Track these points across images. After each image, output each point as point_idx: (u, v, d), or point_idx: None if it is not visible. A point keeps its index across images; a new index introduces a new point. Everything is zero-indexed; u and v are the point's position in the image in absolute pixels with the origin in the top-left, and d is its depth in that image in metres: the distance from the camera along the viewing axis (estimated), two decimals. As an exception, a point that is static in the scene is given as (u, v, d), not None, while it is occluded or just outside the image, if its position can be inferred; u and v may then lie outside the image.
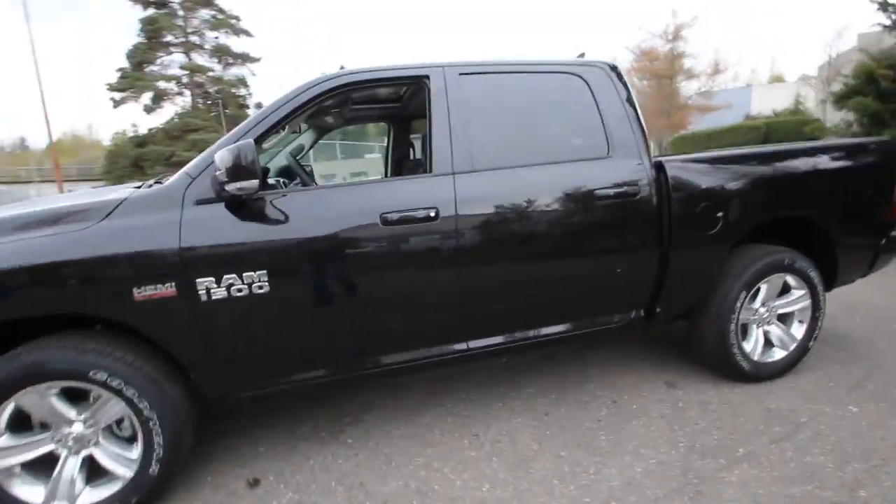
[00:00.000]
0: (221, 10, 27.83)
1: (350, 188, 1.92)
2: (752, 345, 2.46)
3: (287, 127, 2.10)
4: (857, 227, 2.52)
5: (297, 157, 2.65)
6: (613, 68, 2.19)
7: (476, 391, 2.53)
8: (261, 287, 1.68)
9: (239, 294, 1.66)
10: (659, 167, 2.15)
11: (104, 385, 1.59)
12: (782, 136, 16.62)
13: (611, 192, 2.04)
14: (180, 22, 27.09)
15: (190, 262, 1.63)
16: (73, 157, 44.20)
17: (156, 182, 2.03)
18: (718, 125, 19.68)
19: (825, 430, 2.04)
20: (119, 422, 1.71)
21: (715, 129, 18.83)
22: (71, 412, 1.65)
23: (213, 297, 1.64)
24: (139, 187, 1.89)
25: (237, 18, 28.33)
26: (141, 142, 26.26)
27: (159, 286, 1.60)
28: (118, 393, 1.61)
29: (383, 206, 1.81)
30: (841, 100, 6.08)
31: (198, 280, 1.63)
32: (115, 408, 1.65)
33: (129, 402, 1.62)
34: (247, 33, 28.89)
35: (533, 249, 1.99)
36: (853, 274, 2.66)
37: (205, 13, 27.64)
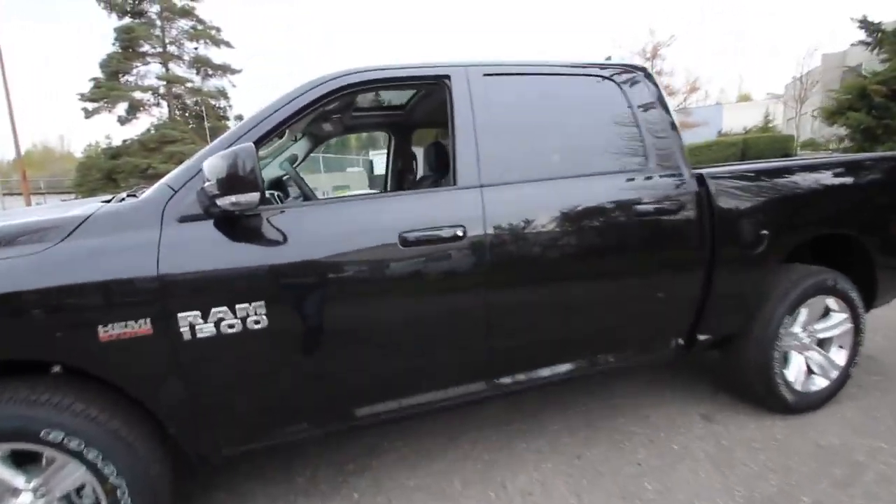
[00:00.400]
0: (201, 21, 27.40)
1: (361, 203, 1.65)
2: (795, 373, 2.27)
3: (287, 132, 1.82)
4: (898, 244, 2.37)
5: (294, 167, 2.37)
6: (646, 73, 2.00)
7: (493, 428, 2.26)
8: (257, 321, 1.40)
9: (231, 331, 1.37)
10: (700, 180, 1.95)
11: (60, 447, 1.28)
12: (758, 152, 17.11)
13: (652, 207, 1.83)
14: (158, 32, 26.54)
15: (170, 292, 1.33)
16: (43, 170, 42.64)
17: (129, 195, 1.73)
18: (693, 142, 20.14)
19: (889, 472, 1.84)
20: (80, 489, 1.39)
21: (694, 145, 19.24)
22: (18, 479, 1.32)
23: (199, 335, 1.35)
24: (108, 201, 1.59)
25: (217, 29, 27.94)
26: (115, 153, 25.38)
27: (131, 323, 1.30)
28: (78, 456, 1.29)
29: (402, 223, 1.55)
30: (833, 115, 6.12)
31: (180, 314, 1.33)
32: (74, 474, 1.33)
33: (92, 466, 1.30)
34: (227, 44, 28.49)
35: (569, 273, 1.76)
36: (891, 294, 2.50)
37: (184, 23, 27.18)
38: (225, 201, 1.30)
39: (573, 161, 1.82)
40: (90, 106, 25.81)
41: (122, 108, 26.44)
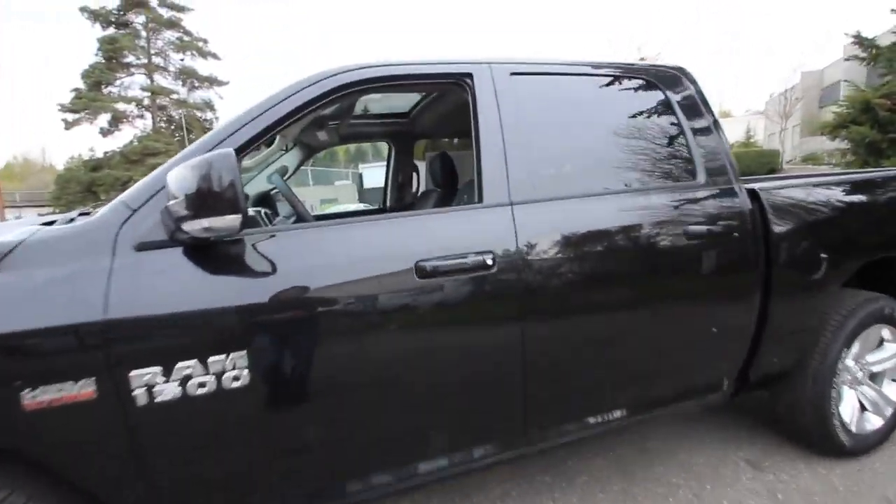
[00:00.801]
0: (188, 33, 27.07)
1: (368, 225, 1.32)
2: (849, 412, 2.01)
3: (277, 140, 1.53)
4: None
5: (286, 180, 2.06)
6: (686, 73, 1.77)
7: (513, 481, 1.96)
8: (237, 378, 1.09)
9: (201, 391, 1.06)
10: (753, 195, 1.71)
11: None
12: (745, 167, 17.23)
13: (705, 228, 1.57)
14: (143, 43, 26.13)
15: (121, 343, 1.02)
16: (22, 183, 41.48)
17: (81, 214, 1.42)
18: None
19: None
20: None
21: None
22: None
23: (159, 399, 1.04)
24: (51, 223, 1.28)
25: (204, 41, 27.61)
26: (95, 165, 24.68)
27: (67, 385, 0.98)
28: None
29: (418, 250, 1.26)
30: (835, 129, 6.04)
31: (133, 372, 1.02)
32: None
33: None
34: (214, 56, 28.16)
35: (616, 304, 1.49)
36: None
37: (170, 35, 26.81)
38: (194, 226, 1.00)
39: (616, 175, 1.56)
40: (70, 117, 25.14)
41: (104, 119, 25.83)
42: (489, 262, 1.29)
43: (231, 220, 1.01)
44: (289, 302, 1.15)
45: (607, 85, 1.66)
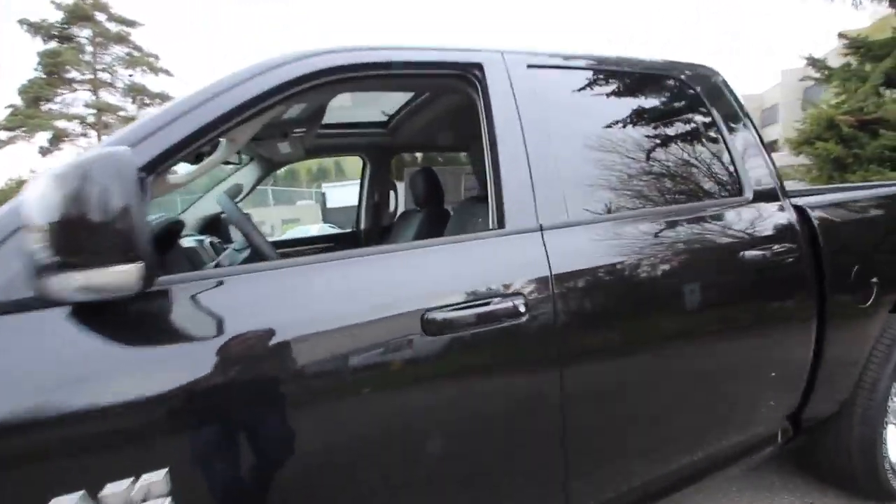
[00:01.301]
0: (138, 48, 25.87)
1: (353, 263, 0.95)
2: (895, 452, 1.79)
3: (223, 147, 1.13)
4: None
5: (237, 202, 1.63)
6: (723, 77, 1.53)
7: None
8: (154, 512, 0.69)
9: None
10: (800, 212, 1.47)
11: None
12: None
13: (758, 252, 1.30)
14: (88, 57, 24.74)
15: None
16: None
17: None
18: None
19: None
20: None
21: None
22: None
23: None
24: None
25: (156, 57, 26.46)
26: (32, 186, 22.88)
27: None
28: None
29: (423, 296, 0.91)
30: (800, 145, 6.19)
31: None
32: None
33: None
34: (166, 73, 27.00)
35: (678, 354, 1.19)
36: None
37: (118, 50, 25.53)
38: (63, 284, 0.62)
39: (658, 192, 1.28)
40: (4, 135, 23.31)
41: (43, 137, 24.09)
42: (521, 307, 0.96)
43: (124, 274, 0.63)
44: (238, 389, 0.77)
45: (640, 84, 1.38)
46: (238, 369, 0.77)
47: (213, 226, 1.78)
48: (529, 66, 1.20)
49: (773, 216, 1.38)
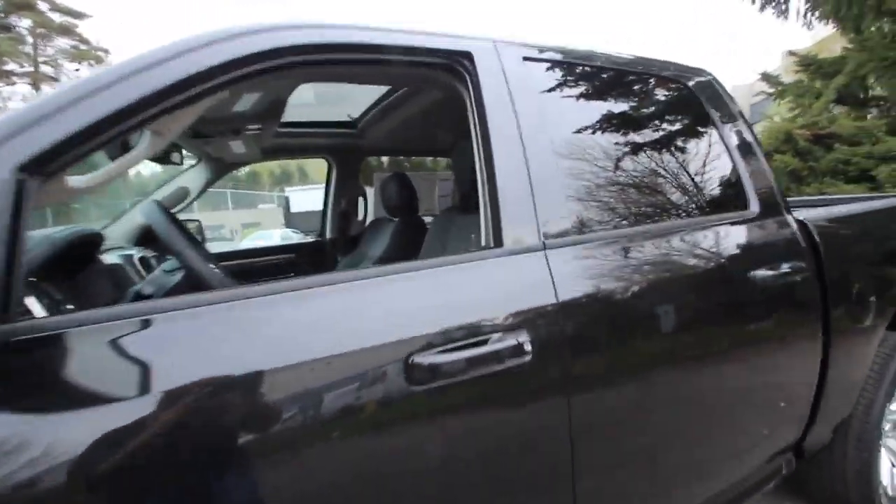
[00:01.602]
0: (85, 41, 24.35)
1: (315, 294, 0.73)
2: (888, 475, 1.73)
3: (147, 141, 0.90)
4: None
5: (175, 211, 1.37)
6: (720, 82, 1.43)
7: None
8: None
9: None
10: (802, 227, 1.39)
11: None
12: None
13: (768, 270, 1.20)
14: (28, 49, 23.07)
15: None
16: None
17: None
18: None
19: None
20: None
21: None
22: None
23: None
24: None
25: (105, 51, 25.00)
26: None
27: None
28: None
29: (406, 335, 0.73)
30: (759, 157, 6.39)
31: None
32: None
33: None
34: (117, 68, 25.55)
35: (688, 378, 1.05)
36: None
37: (63, 42, 23.95)
38: None
39: (666, 205, 1.14)
40: (-70, 129, 21.37)
41: (-26, 133, 22.25)
42: (526, 345, 0.79)
43: None
44: (168, 468, 0.56)
45: (649, 86, 1.25)
46: (151, 449, 0.56)
47: (149, 236, 1.52)
48: (525, 59, 1.05)
49: (778, 231, 1.28)
